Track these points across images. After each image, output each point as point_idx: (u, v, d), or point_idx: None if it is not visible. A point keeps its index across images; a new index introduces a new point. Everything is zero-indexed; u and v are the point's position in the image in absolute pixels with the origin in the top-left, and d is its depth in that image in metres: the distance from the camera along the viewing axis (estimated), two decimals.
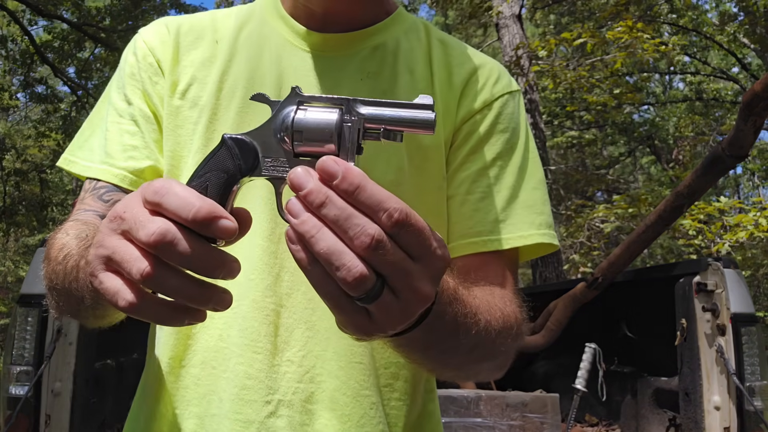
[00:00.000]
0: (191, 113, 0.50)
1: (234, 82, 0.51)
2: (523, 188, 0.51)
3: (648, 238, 1.77)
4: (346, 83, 0.50)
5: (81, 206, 0.51)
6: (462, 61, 0.53)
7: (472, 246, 0.49)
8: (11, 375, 1.31)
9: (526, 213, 0.50)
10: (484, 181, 0.50)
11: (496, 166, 0.51)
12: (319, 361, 0.47)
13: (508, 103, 0.53)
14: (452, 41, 0.56)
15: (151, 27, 0.55)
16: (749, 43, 7.06)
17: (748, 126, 1.37)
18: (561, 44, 4.23)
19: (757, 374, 1.38)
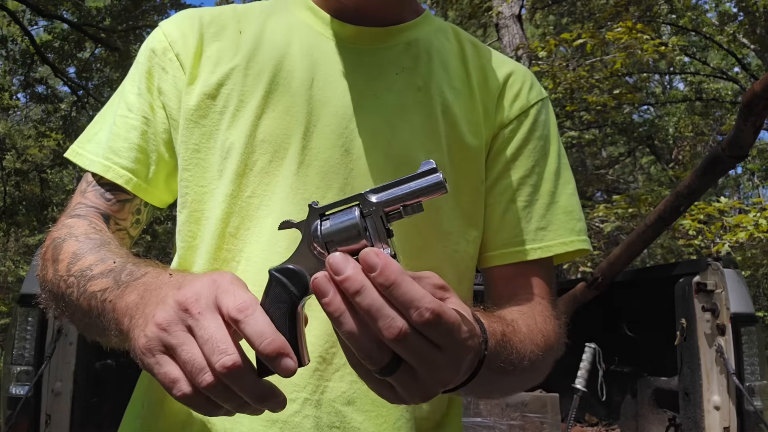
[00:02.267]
0: (216, 103, 0.48)
1: (260, 69, 0.48)
2: (562, 194, 0.51)
3: (648, 238, 1.77)
4: (381, 77, 0.49)
5: (83, 200, 0.49)
6: (496, 66, 0.53)
7: (516, 255, 0.49)
8: (12, 375, 1.31)
9: (566, 219, 0.50)
10: (525, 189, 0.50)
11: (535, 173, 0.51)
12: None
13: (542, 110, 0.53)
14: (482, 45, 0.55)
15: (172, 20, 0.53)
16: (749, 43, 7.06)
17: (747, 126, 1.37)
18: (561, 45, 4.23)
19: (757, 374, 1.38)
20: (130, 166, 0.49)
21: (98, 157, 0.49)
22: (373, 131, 0.47)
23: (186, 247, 0.49)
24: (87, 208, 0.48)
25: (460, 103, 0.50)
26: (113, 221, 0.49)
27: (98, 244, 0.43)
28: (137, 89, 0.50)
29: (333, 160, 0.46)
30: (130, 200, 0.50)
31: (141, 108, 0.50)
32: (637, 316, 1.85)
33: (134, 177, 0.49)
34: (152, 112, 0.50)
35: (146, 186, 0.50)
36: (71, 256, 0.43)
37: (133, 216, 0.50)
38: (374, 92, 0.48)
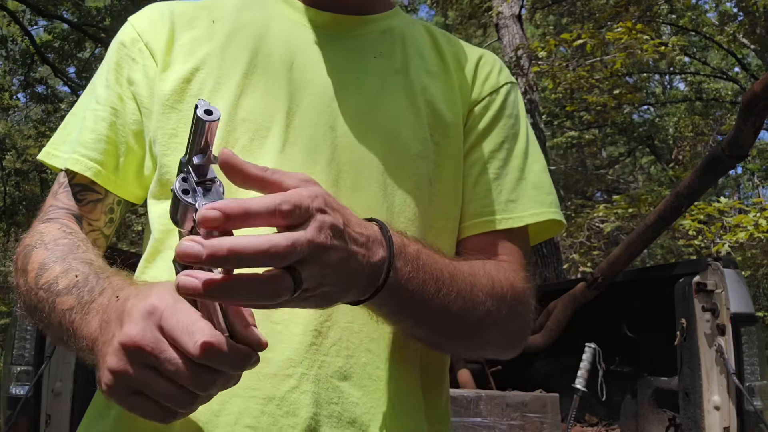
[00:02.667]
0: (191, 87, 0.47)
1: (237, 54, 0.48)
2: (531, 170, 0.53)
3: (648, 238, 1.77)
4: (359, 60, 0.50)
5: (54, 202, 0.48)
6: (468, 51, 0.55)
7: (487, 224, 0.50)
8: (12, 375, 1.31)
9: (536, 193, 0.52)
10: (495, 162, 0.51)
11: (504, 149, 0.52)
12: (347, 332, 0.43)
13: (512, 92, 0.55)
14: (453, 37, 0.57)
15: (140, 13, 0.52)
16: (749, 43, 7.06)
17: (747, 126, 1.37)
18: (561, 45, 4.23)
19: (757, 374, 1.38)
20: (98, 158, 0.47)
21: (67, 154, 0.48)
22: (357, 109, 0.48)
23: (166, 230, 0.47)
24: (58, 210, 0.47)
25: (437, 85, 0.51)
26: (86, 222, 0.48)
27: (66, 252, 0.42)
28: (105, 81, 0.49)
29: (318, 137, 0.46)
30: (101, 199, 0.49)
31: (109, 99, 0.49)
32: (637, 316, 1.85)
33: (102, 169, 0.47)
34: (121, 102, 0.49)
35: (115, 179, 0.48)
36: (39, 266, 0.42)
37: (105, 216, 0.50)
38: (354, 74, 0.49)
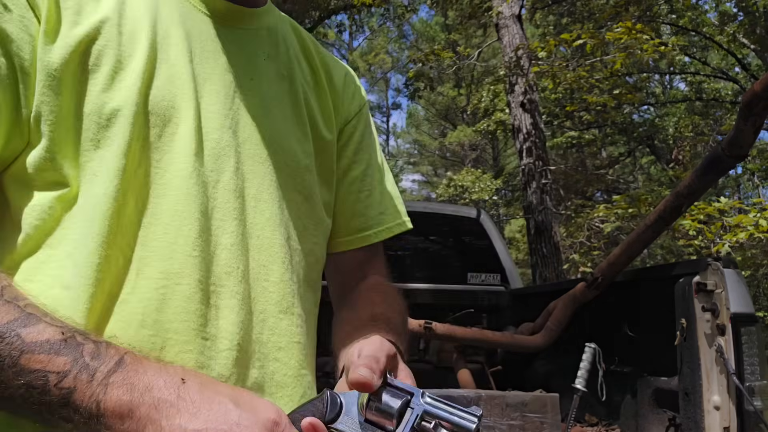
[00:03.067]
0: (85, 60, 0.41)
1: (133, 28, 0.43)
2: (388, 182, 0.59)
3: (648, 238, 1.77)
4: (253, 59, 0.49)
5: None
6: (333, 64, 0.57)
7: (368, 238, 0.56)
8: None
9: (396, 204, 0.58)
10: (367, 180, 0.57)
11: (372, 165, 0.57)
12: (257, 344, 0.44)
13: (368, 111, 0.59)
14: (314, 40, 0.58)
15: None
16: (749, 44, 7.05)
17: (747, 126, 1.37)
18: (560, 45, 4.23)
19: (757, 374, 1.38)
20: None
21: None
22: (254, 115, 0.47)
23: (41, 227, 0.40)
24: None
25: (314, 97, 0.53)
26: None
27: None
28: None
29: (223, 141, 0.45)
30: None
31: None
32: (637, 316, 1.85)
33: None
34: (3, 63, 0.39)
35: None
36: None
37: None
38: (249, 75, 0.48)
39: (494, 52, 12.73)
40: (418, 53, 4.94)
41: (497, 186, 9.93)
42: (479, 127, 8.44)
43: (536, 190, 4.83)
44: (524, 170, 4.99)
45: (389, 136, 21.25)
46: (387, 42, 17.66)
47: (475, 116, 13.02)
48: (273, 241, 0.46)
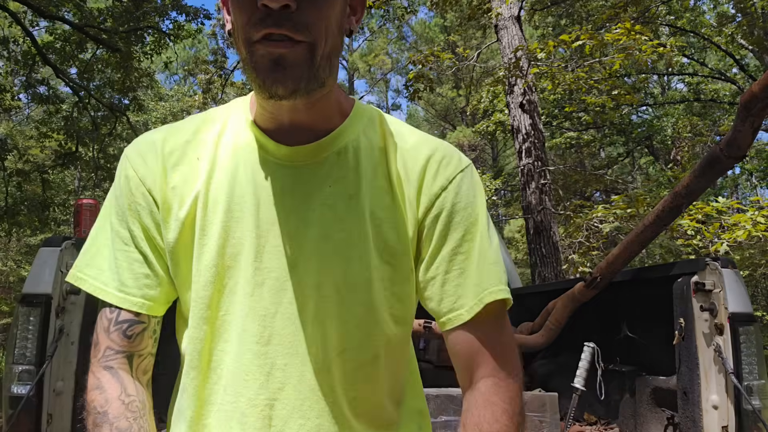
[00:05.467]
0: (185, 234, 0.56)
1: (217, 196, 0.56)
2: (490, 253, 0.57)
3: (646, 238, 1.77)
4: (316, 191, 0.55)
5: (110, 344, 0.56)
6: (415, 153, 0.58)
7: (462, 316, 0.56)
8: (13, 374, 1.32)
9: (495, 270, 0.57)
10: (458, 258, 0.56)
11: (465, 242, 0.56)
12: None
13: (463, 180, 0.58)
14: (404, 129, 0.60)
15: (136, 150, 0.58)
16: (747, 45, 7.07)
17: (745, 127, 1.37)
18: (559, 46, 4.24)
19: (755, 373, 1.39)
20: (141, 294, 0.57)
21: (108, 287, 0.57)
22: (314, 246, 0.55)
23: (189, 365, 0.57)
24: (115, 354, 0.56)
25: (384, 204, 0.56)
26: (136, 357, 0.57)
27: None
28: (126, 225, 0.57)
29: (282, 278, 0.54)
30: (146, 326, 0.58)
31: (134, 242, 0.57)
32: (635, 316, 1.85)
33: (147, 302, 0.57)
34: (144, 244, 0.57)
35: (156, 305, 0.58)
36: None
37: (151, 338, 0.59)
38: (312, 208, 0.55)
39: (493, 53, 12.74)
40: (417, 54, 4.95)
41: (496, 186, 9.94)
42: (479, 128, 8.45)
43: (535, 191, 4.84)
44: (523, 170, 5.00)
45: None
46: (386, 43, 17.67)
47: (475, 117, 13.01)
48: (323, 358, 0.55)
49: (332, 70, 0.53)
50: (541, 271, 4.71)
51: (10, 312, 7.78)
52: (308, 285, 0.54)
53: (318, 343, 0.55)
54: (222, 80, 7.92)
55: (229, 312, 0.55)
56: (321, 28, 0.49)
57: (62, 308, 1.33)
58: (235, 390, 0.54)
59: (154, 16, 6.32)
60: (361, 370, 0.56)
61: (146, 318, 0.57)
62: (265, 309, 0.54)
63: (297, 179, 0.55)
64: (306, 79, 0.50)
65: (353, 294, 0.55)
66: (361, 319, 0.56)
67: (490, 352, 0.55)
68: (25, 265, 9.51)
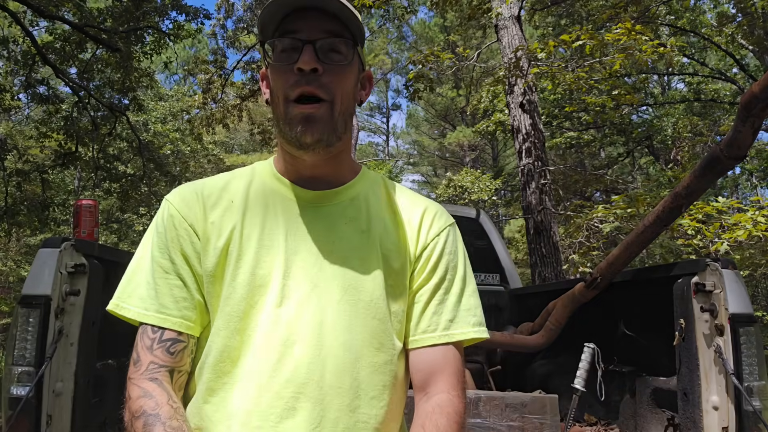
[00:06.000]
0: (222, 259, 0.66)
1: (250, 230, 0.67)
2: (464, 296, 0.71)
3: (646, 238, 1.77)
4: (334, 227, 0.68)
5: (153, 359, 0.63)
6: (413, 205, 0.73)
7: (432, 338, 0.69)
8: (12, 375, 1.32)
9: (467, 315, 0.70)
10: (440, 291, 0.70)
11: (446, 280, 0.71)
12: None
13: (451, 232, 0.73)
14: (404, 190, 0.76)
15: (178, 196, 0.69)
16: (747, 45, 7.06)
17: (746, 127, 1.37)
18: (560, 46, 4.23)
19: (756, 374, 1.39)
20: (180, 314, 0.65)
21: (149, 311, 0.65)
22: (334, 269, 0.66)
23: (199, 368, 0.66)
24: (159, 368, 0.63)
25: (390, 239, 0.70)
26: (176, 372, 0.65)
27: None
28: (168, 256, 0.67)
29: (306, 293, 0.64)
30: (186, 345, 0.65)
31: (176, 270, 0.66)
32: (635, 316, 1.85)
33: (186, 322, 0.65)
34: (184, 272, 0.66)
35: (194, 326, 0.66)
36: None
37: (189, 357, 0.66)
38: (331, 240, 0.67)
39: (493, 53, 12.73)
40: (417, 54, 4.94)
41: (496, 186, 9.94)
42: (479, 128, 8.45)
43: (535, 191, 4.84)
44: (523, 170, 5.00)
45: (389, 136, 21.24)
46: (386, 43, 17.66)
47: (475, 117, 13.01)
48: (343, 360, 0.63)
49: (347, 128, 0.67)
50: (541, 271, 4.71)
51: (10, 312, 7.78)
52: (329, 300, 0.64)
53: (338, 348, 0.63)
54: (222, 80, 7.93)
55: (259, 323, 0.63)
56: (339, 90, 0.65)
57: (61, 309, 1.33)
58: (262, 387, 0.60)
59: (154, 16, 6.31)
60: (377, 374, 0.65)
61: (186, 338, 0.65)
62: (290, 318, 0.63)
63: (318, 217, 0.68)
64: (328, 131, 0.64)
65: (369, 308, 0.65)
66: (375, 329, 0.65)
67: (448, 374, 0.67)
68: (24, 265, 9.52)
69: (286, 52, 0.64)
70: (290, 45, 0.63)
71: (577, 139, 8.85)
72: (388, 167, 16.39)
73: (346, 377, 0.62)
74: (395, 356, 0.67)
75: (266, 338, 0.62)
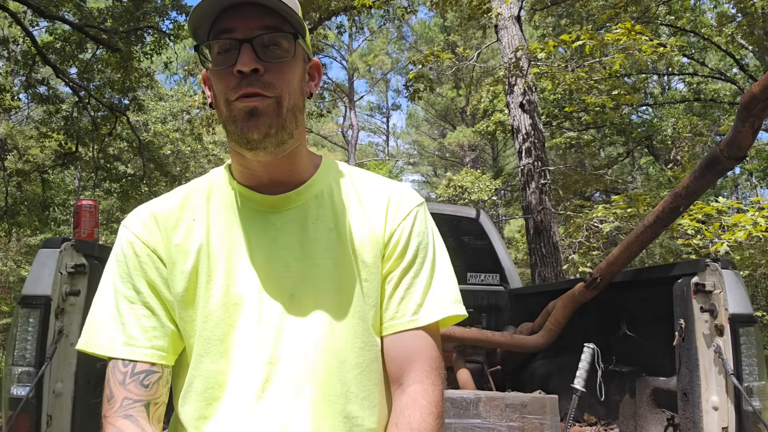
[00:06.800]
0: (192, 282, 0.63)
1: (217, 247, 0.64)
2: (436, 277, 0.68)
3: (646, 238, 1.77)
4: (302, 230, 0.66)
5: (127, 394, 0.60)
6: (379, 191, 0.70)
7: (401, 325, 0.66)
8: (13, 376, 1.32)
9: (437, 297, 0.67)
10: (409, 275, 0.67)
11: (416, 263, 0.68)
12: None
13: (419, 212, 0.70)
14: (368, 176, 0.73)
15: (135, 220, 0.66)
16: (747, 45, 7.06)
17: (746, 128, 1.37)
18: (560, 46, 4.23)
19: (755, 374, 1.39)
20: (151, 345, 0.62)
21: (117, 344, 0.62)
22: (306, 274, 0.64)
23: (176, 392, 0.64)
24: (134, 404, 0.60)
25: (359, 231, 0.67)
26: (152, 405, 0.62)
27: None
28: (131, 286, 0.64)
29: (284, 304, 0.63)
30: (161, 375, 0.63)
31: (141, 300, 0.63)
32: (635, 317, 1.85)
33: (158, 351, 0.63)
34: (151, 300, 0.63)
35: (167, 355, 0.64)
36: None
37: (165, 387, 0.64)
38: (301, 244, 0.65)
39: (493, 53, 12.73)
40: (417, 54, 4.94)
41: (496, 186, 9.94)
42: (478, 128, 8.44)
43: (535, 191, 4.84)
44: (523, 170, 5.00)
45: (389, 136, 21.23)
46: (386, 43, 17.65)
47: (475, 117, 13.01)
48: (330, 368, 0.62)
49: (298, 124, 0.63)
50: (541, 271, 4.71)
51: (10, 312, 7.78)
52: (308, 308, 0.63)
53: (324, 355, 0.62)
54: None
55: (241, 344, 0.62)
56: (284, 87, 0.61)
57: (61, 309, 1.33)
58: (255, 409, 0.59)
59: (154, 16, 6.31)
60: (365, 374, 0.64)
61: (160, 368, 0.63)
62: (272, 334, 0.61)
63: (285, 222, 0.65)
64: (275, 126, 0.60)
65: (347, 307, 0.64)
66: (357, 329, 0.64)
67: (420, 362, 0.64)
68: (25, 265, 9.52)
69: (223, 54, 0.59)
70: (227, 46, 0.59)
71: (577, 139, 8.85)
72: (388, 167, 16.38)
73: (335, 384, 0.61)
74: (379, 353, 0.66)
75: (250, 358, 0.61)
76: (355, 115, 16.39)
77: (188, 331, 0.63)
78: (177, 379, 0.65)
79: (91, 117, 6.80)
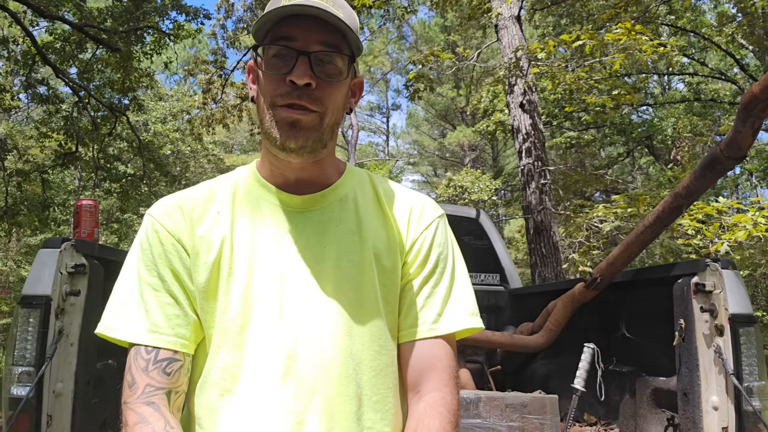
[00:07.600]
0: (214, 274, 0.64)
1: (241, 241, 0.65)
2: (455, 288, 0.70)
3: (646, 238, 1.77)
4: (325, 231, 0.67)
5: (150, 381, 0.61)
6: (402, 198, 0.72)
7: (420, 333, 0.67)
8: (13, 376, 1.32)
9: (456, 308, 0.69)
10: (429, 285, 0.69)
11: (436, 273, 0.69)
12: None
13: (440, 224, 0.72)
14: (391, 185, 0.74)
15: (161, 209, 0.67)
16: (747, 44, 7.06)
17: (746, 128, 1.37)
18: (560, 46, 4.23)
19: (755, 374, 1.39)
20: (174, 333, 0.63)
21: (140, 331, 0.62)
22: (328, 274, 0.65)
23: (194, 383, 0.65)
24: (156, 391, 0.61)
25: (381, 237, 0.69)
26: (173, 394, 0.62)
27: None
28: (156, 273, 0.64)
29: (304, 302, 0.63)
30: (182, 364, 0.63)
31: (166, 288, 0.64)
32: (635, 317, 1.85)
33: (180, 339, 0.63)
34: (174, 287, 0.64)
35: (189, 344, 0.64)
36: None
37: (185, 376, 0.64)
38: (323, 245, 0.66)
39: (493, 53, 12.73)
40: (417, 54, 4.94)
41: (496, 186, 9.94)
42: (478, 128, 8.45)
43: (535, 190, 4.84)
44: (523, 170, 5.00)
45: (389, 136, 21.23)
46: (386, 43, 17.65)
47: (475, 117, 13.00)
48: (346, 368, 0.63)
49: (333, 136, 0.66)
50: (541, 271, 4.71)
51: (10, 312, 7.78)
52: (327, 307, 0.63)
53: (341, 355, 0.62)
54: (222, 80, 7.93)
55: (258, 337, 0.62)
56: (330, 104, 0.63)
57: (62, 309, 1.33)
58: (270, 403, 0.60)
59: (154, 16, 6.31)
60: (379, 378, 0.64)
61: (182, 356, 0.63)
62: (291, 330, 0.62)
63: (309, 222, 0.67)
64: (314, 140, 0.62)
65: (366, 310, 0.65)
66: (374, 332, 0.65)
67: (439, 370, 0.65)
68: (25, 265, 9.52)
69: (278, 59, 0.61)
70: (284, 52, 0.60)
71: (577, 139, 8.85)
72: (388, 167, 16.38)
73: (350, 385, 0.62)
74: (395, 358, 0.67)
75: (268, 353, 0.61)
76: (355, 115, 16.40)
77: (208, 322, 0.63)
78: (194, 369, 0.65)
79: (91, 117, 6.80)
